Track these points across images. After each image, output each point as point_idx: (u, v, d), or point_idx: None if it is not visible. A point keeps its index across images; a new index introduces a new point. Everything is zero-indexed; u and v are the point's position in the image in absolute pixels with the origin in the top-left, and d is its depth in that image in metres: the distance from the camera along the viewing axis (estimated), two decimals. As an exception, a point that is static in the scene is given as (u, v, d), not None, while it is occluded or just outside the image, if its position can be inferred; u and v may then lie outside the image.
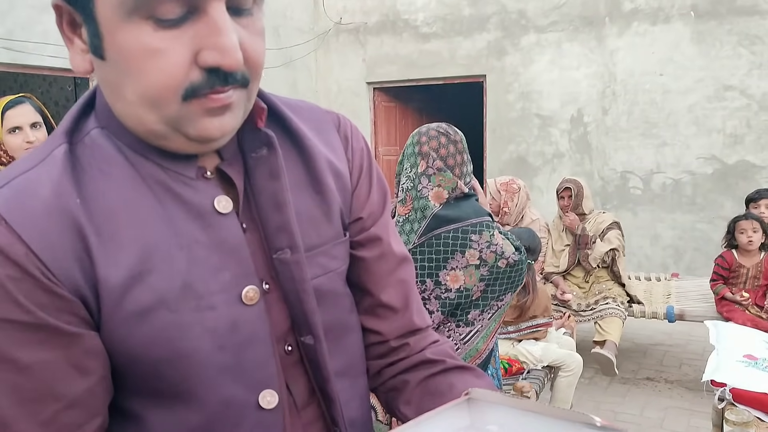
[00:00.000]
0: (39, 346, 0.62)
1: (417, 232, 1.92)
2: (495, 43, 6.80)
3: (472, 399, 0.68)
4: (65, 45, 0.67)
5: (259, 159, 0.73)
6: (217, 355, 0.68)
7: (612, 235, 4.11)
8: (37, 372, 0.62)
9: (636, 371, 4.40)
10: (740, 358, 2.54)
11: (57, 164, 0.65)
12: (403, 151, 2.00)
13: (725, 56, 5.79)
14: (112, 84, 0.65)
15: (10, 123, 2.23)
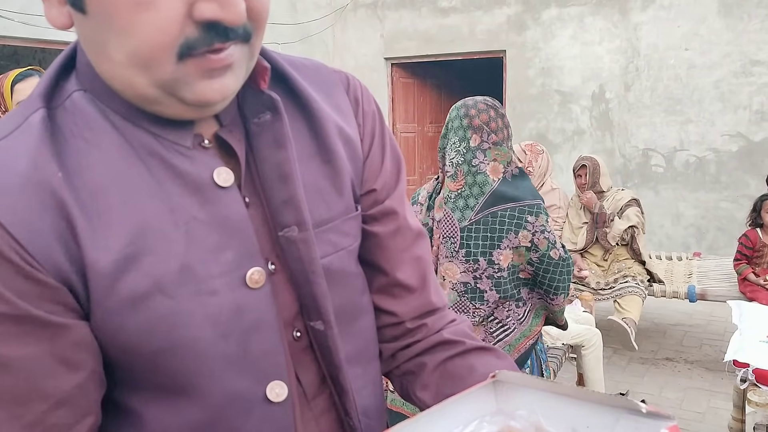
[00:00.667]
0: (20, 340, 0.55)
1: (474, 208, 1.90)
2: (515, 17, 6.67)
3: (498, 382, 0.64)
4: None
5: (262, 125, 0.66)
6: (220, 345, 0.62)
7: (631, 212, 4.04)
8: (19, 369, 0.55)
9: (656, 351, 4.35)
10: (764, 338, 2.49)
11: (33, 132, 0.57)
12: (446, 125, 1.98)
13: (753, 30, 5.61)
14: (96, 42, 0.57)
15: (20, 96, 2.21)
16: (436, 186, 2.05)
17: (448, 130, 1.98)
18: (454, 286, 1.96)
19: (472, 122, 1.92)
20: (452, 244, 1.93)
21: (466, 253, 1.92)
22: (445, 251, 1.95)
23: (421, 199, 2.06)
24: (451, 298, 1.98)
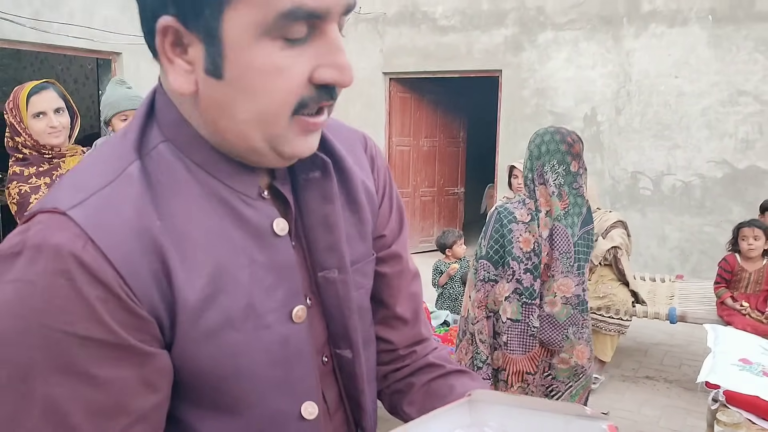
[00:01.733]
0: (116, 364, 0.63)
1: (577, 225, 2.14)
2: (512, 38, 6.85)
3: (473, 400, 0.76)
4: (162, 66, 0.67)
5: (311, 180, 0.76)
6: (269, 371, 0.72)
7: (615, 233, 4.17)
8: (111, 388, 0.63)
9: (636, 369, 4.49)
10: (735, 361, 2.63)
11: (134, 183, 0.65)
12: (540, 147, 2.16)
13: (741, 61, 5.82)
14: (222, 102, 0.65)
15: (35, 108, 2.33)
16: (535, 204, 2.16)
17: (542, 153, 2.15)
18: (568, 300, 2.12)
19: (571, 149, 2.15)
20: (568, 259, 2.11)
21: (578, 266, 2.13)
22: (561, 267, 2.11)
23: (522, 218, 2.15)
24: (565, 312, 2.12)
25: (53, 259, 0.60)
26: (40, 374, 0.61)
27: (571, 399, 2.21)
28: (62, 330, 0.60)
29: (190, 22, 0.62)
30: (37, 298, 0.60)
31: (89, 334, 0.61)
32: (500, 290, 2.17)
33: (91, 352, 0.61)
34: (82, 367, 0.61)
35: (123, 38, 5.22)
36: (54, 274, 0.60)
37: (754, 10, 5.74)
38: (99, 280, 0.61)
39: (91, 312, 0.61)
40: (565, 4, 6.54)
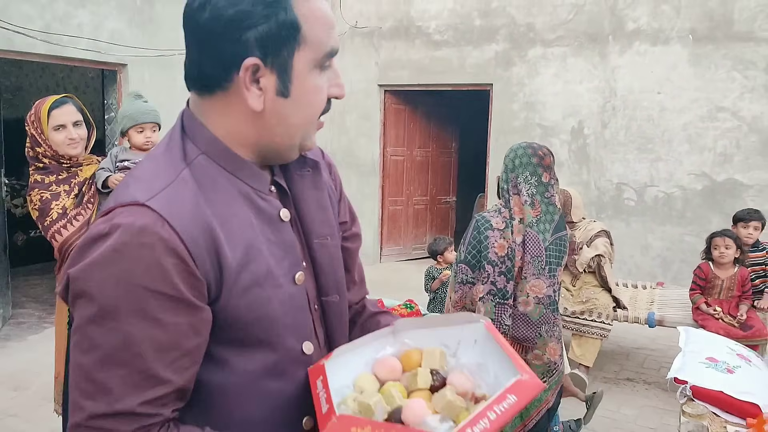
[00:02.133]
0: (176, 313, 0.86)
1: (549, 231, 2.35)
2: (503, 53, 7.10)
3: (395, 328, 1.08)
4: (241, 91, 0.92)
5: (304, 175, 1.09)
6: (282, 317, 0.98)
7: (599, 242, 4.40)
8: (170, 330, 0.86)
9: (618, 372, 4.72)
10: (703, 359, 2.85)
11: (188, 184, 0.92)
12: (514, 160, 2.40)
13: (719, 79, 6.09)
14: (284, 114, 0.96)
15: (55, 121, 2.49)
16: (509, 213, 2.36)
17: (516, 166, 2.38)
18: (540, 300, 2.30)
19: (542, 162, 2.38)
20: (540, 262, 2.30)
21: (549, 270, 2.32)
22: (533, 269, 2.30)
23: (498, 225, 2.35)
24: (537, 311, 2.30)
25: (140, 235, 0.85)
26: (123, 315, 0.85)
27: (544, 394, 2.39)
28: (143, 286, 0.84)
29: (268, 61, 0.92)
30: (127, 262, 0.84)
31: (161, 290, 0.85)
32: (476, 291, 2.35)
33: (161, 303, 0.86)
34: (152, 313, 0.85)
35: (129, 50, 5.41)
36: (140, 246, 0.84)
37: (732, 30, 6.02)
38: (173, 251, 0.86)
39: (165, 275, 0.85)
40: (554, 21, 6.79)
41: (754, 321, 3.88)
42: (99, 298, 0.85)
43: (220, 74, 0.93)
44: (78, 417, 0.86)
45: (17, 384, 4.16)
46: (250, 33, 0.90)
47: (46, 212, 2.47)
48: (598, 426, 3.78)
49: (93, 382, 0.86)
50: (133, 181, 0.93)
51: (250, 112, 0.94)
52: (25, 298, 6.14)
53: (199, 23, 0.92)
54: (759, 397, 2.60)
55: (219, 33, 0.90)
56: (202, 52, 0.93)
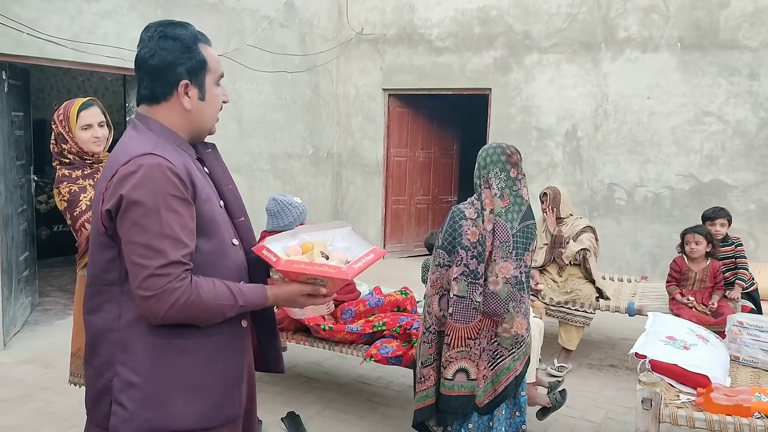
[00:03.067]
0: (185, 206, 1.51)
1: (516, 220, 2.70)
2: (501, 60, 7.45)
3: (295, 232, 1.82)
4: (178, 99, 1.60)
5: (209, 153, 1.75)
6: (220, 221, 1.65)
7: (585, 237, 4.72)
8: (184, 216, 1.50)
9: (602, 359, 5.04)
10: (663, 338, 3.19)
11: (167, 146, 1.56)
12: (486, 159, 2.75)
13: (706, 85, 6.41)
14: (202, 111, 1.64)
15: (83, 121, 2.83)
16: (481, 204, 2.70)
17: (487, 164, 2.73)
18: (508, 280, 2.63)
19: (510, 159, 2.74)
20: (507, 247, 2.63)
21: (516, 254, 2.65)
22: (501, 253, 2.63)
23: (470, 216, 2.69)
24: (506, 290, 2.63)
25: (158, 167, 1.48)
26: (160, 209, 1.46)
27: (513, 363, 2.71)
28: (167, 192, 1.47)
29: (193, 81, 1.61)
30: (155, 181, 1.46)
31: (175, 193, 1.49)
32: (451, 272, 2.67)
33: (176, 201, 1.49)
34: (174, 206, 1.48)
35: (149, 57, 5.81)
36: (160, 172, 1.47)
37: (718, 38, 6.34)
38: (175, 173, 1.49)
39: (175, 185, 1.49)
40: (549, 29, 7.14)
41: (725, 309, 4.19)
42: (145, 202, 1.46)
43: (167, 91, 1.60)
44: (146, 270, 1.45)
45: (48, 362, 4.55)
46: (182, 67, 1.59)
47: (75, 203, 2.76)
48: (578, 404, 4.10)
49: (151, 248, 1.45)
50: (130, 147, 1.54)
51: (184, 110, 1.62)
52: (50, 287, 6.56)
53: (151, 65, 1.58)
54: (709, 370, 2.96)
55: (164, 69, 1.58)
56: (154, 80, 1.60)
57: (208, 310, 1.51)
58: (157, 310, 1.45)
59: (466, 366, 2.68)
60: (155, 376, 1.52)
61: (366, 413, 3.85)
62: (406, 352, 3.31)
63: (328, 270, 1.60)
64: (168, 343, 1.53)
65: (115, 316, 1.54)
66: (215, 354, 1.59)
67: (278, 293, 1.63)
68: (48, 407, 3.82)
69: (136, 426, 1.51)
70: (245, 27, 6.92)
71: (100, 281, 1.57)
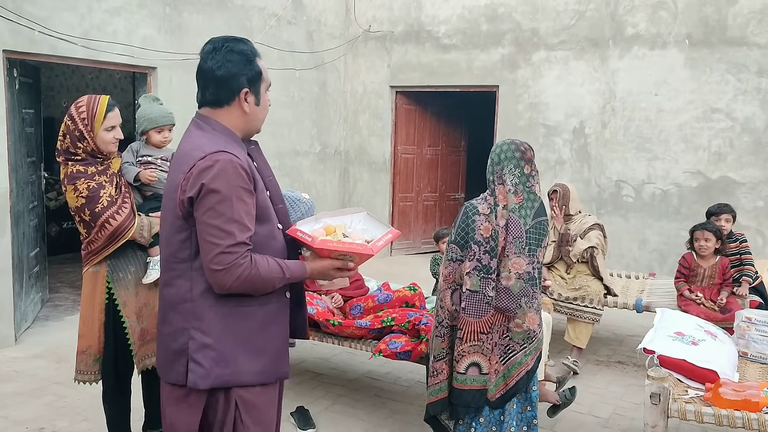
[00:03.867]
0: (250, 196, 1.81)
1: (529, 216, 2.71)
2: (508, 57, 7.45)
3: (318, 217, 2.12)
4: (239, 104, 1.90)
5: (253, 149, 1.99)
6: (272, 209, 1.94)
7: (593, 234, 4.72)
8: (248, 204, 1.80)
9: (610, 356, 5.05)
10: (671, 333, 3.19)
11: (234, 145, 1.87)
12: (501, 155, 2.76)
13: (714, 81, 6.39)
14: (256, 114, 1.95)
15: (110, 123, 2.84)
16: (494, 200, 2.70)
17: (501, 159, 2.74)
18: (521, 276, 2.64)
19: (524, 156, 2.74)
20: (520, 243, 2.64)
21: (529, 249, 2.66)
22: (514, 249, 2.64)
23: (484, 211, 2.70)
24: (518, 285, 2.63)
25: (230, 162, 1.77)
26: (233, 198, 1.76)
27: (525, 358, 2.72)
28: (237, 184, 1.77)
29: (252, 89, 1.91)
30: (229, 174, 1.75)
31: (243, 185, 1.78)
32: (464, 267, 2.69)
33: (244, 191, 1.78)
34: (242, 197, 1.78)
35: (159, 55, 5.84)
36: (232, 167, 1.76)
37: (726, 35, 6.32)
38: (243, 168, 1.79)
39: (244, 178, 1.78)
40: (557, 26, 7.13)
41: (733, 306, 4.19)
42: (221, 191, 1.75)
43: (230, 97, 1.89)
44: (218, 248, 1.74)
45: (59, 357, 4.60)
46: (243, 77, 1.88)
47: (95, 200, 2.74)
48: (586, 400, 4.12)
49: (223, 230, 1.74)
50: (202, 144, 1.81)
51: (243, 114, 1.92)
52: (60, 283, 6.61)
53: (218, 75, 1.86)
54: (717, 365, 2.96)
55: (230, 79, 1.87)
56: (219, 88, 1.87)
57: (264, 281, 1.82)
58: (225, 282, 1.76)
59: (479, 360, 2.70)
60: (225, 338, 1.84)
61: (374, 409, 3.87)
62: (415, 347, 3.33)
63: (357, 247, 1.91)
64: (233, 310, 1.85)
65: (187, 289, 1.84)
66: (269, 320, 1.92)
67: (314, 267, 1.95)
68: (60, 401, 3.86)
69: (211, 380, 1.83)
70: (253, 24, 6.95)
71: (173, 259, 1.86)
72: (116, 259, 2.86)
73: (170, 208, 1.86)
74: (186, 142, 1.88)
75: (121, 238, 2.79)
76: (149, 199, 3.03)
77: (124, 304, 2.89)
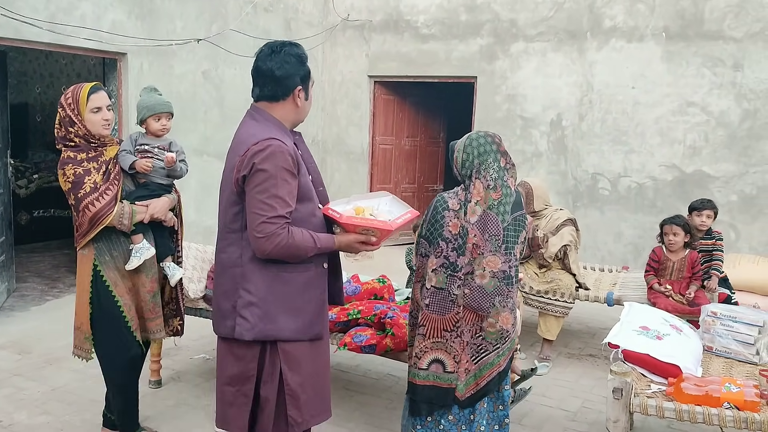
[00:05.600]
0: (293, 179, 2.16)
1: (508, 212, 2.60)
2: (487, 48, 7.40)
3: (350, 200, 2.43)
4: (293, 99, 2.28)
5: (297, 138, 2.34)
6: (313, 190, 2.30)
7: (565, 231, 4.64)
8: (291, 184, 2.15)
9: (582, 348, 5.05)
10: (636, 328, 3.18)
11: (283, 133, 2.24)
12: (479, 148, 2.63)
13: (690, 75, 6.40)
14: (305, 108, 2.33)
15: (93, 104, 2.87)
16: (466, 195, 2.61)
17: (480, 153, 2.61)
18: (495, 275, 2.55)
19: (499, 148, 2.64)
20: (497, 241, 2.55)
21: (506, 247, 2.57)
22: (491, 247, 2.54)
23: (453, 207, 2.60)
24: (492, 284, 2.54)
25: (279, 147, 2.13)
26: (278, 178, 2.11)
27: (497, 358, 2.64)
28: (283, 166, 2.12)
29: (303, 86, 2.29)
30: (277, 157, 2.11)
31: (289, 168, 2.14)
32: (430, 263, 2.61)
33: (289, 173, 2.14)
34: (286, 177, 2.13)
35: (129, 40, 5.71)
36: (281, 152, 2.13)
37: (703, 29, 6.32)
38: (290, 154, 2.15)
39: (289, 162, 2.14)
40: (536, 18, 7.09)
41: (701, 299, 4.19)
42: (269, 171, 2.08)
43: (286, 93, 2.24)
44: (262, 218, 2.07)
45: (21, 348, 4.50)
46: (297, 76, 2.23)
47: (79, 185, 2.81)
48: (555, 394, 4.11)
49: (267, 204, 2.07)
50: (256, 131, 2.16)
51: (295, 107, 2.27)
52: (28, 273, 6.49)
53: (277, 75, 2.20)
54: (680, 360, 2.96)
55: (287, 78, 2.22)
56: (277, 86, 2.22)
57: (299, 249, 2.15)
58: (265, 247, 2.10)
59: (442, 357, 2.63)
60: (268, 297, 2.19)
61: (342, 401, 3.83)
62: (381, 341, 3.29)
63: (377, 223, 2.24)
64: (277, 275, 2.19)
65: (238, 255, 2.20)
66: (307, 285, 2.25)
67: (341, 240, 2.28)
68: (19, 393, 3.78)
69: (255, 333, 2.19)
70: (228, 11, 6.83)
71: (228, 229, 2.24)
72: (101, 242, 2.92)
73: (227, 186, 2.22)
74: (242, 130, 2.24)
75: (98, 223, 2.84)
76: (141, 187, 3.04)
77: (115, 284, 2.95)
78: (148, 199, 3.01)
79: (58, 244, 7.58)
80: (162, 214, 3.03)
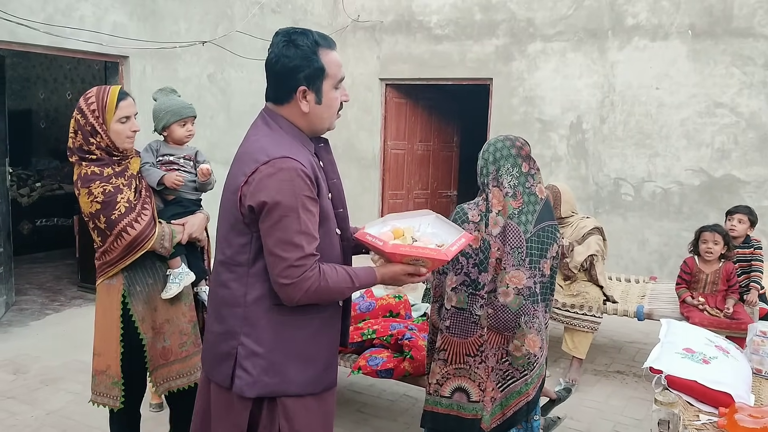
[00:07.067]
0: (314, 205, 1.73)
1: (531, 222, 2.33)
2: (503, 48, 7.12)
3: (385, 220, 2.05)
4: (298, 102, 1.79)
5: (320, 148, 1.90)
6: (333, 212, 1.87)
7: (592, 240, 4.37)
8: (314, 214, 1.73)
9: (609, 365, 4.76)
10: (680, 350, 2.89)
11: (299, 148, 1.78)
12: (495, 154, 2.39)
13: (718, 74, 6.09)
14: (319, 113, 1.81)
15: (123, 113, 2.47)
16: (486, 206, 2.36)
17: (496, 159, 2.37)
18: (520, 291, 2.29)
19: (520, 153, 2.38)
20: (519, 254, 2.29)
21: (530, 261, 2.30)
22: (512, 260, 2.28)
23: (473, 218, 2.36)
24: (517, 302, 2.29)
25: (294, 170, 1.68)
26: (300, 209, 1.68)
27: (525, 387, 2.38)
28: (302, 194, 1.69)
29: (311, 87, 1.77)
30: (293, 183, 1.67)
31: (308, 194, 1.71)
32: (449, 281, 2.37)
33: (310, 201, 1.71)
34: (308, 207, 1.71)
35: (130, 43, 5.49)
36: (296, 175, 1.68)
37: (731, 26, 6.01)
38: (307, 176, 1.70)
39: (309, 187, 1.70)
40: (554, 16, 6.81)
41: (741, 315, 3.90)
42: (286, 204, 1.67)
43: (288, 95, 1.79)
44: (286, 262, 1.68)
45: (17, 368, 4.27)
46: (300, 74, 1.75)
47: (112, 205, 2.43)
48: (584, 416, 3.83)
49: (291, 243, 1.68)
50: (267, 146, 1.74)
51: (302, 113, 1.80)
52: (29, 285, 6.27)
53: (275, 70, 1.78)
54: (732, 387, 2.65)
55: (286, 75, 1.76)
56: (277, 84, 1.80)
57: (333, 292, 1.77)
58: (294, 295, 1.71)
59: (466, 385, 2.37)
60: (275, 347, 1.79)
61: (356, 426, 3.56)
62: (398, 364, 3.02)
63: (430, 252, 1.82)
64: (286, 319, 1.79)
65: (242, 293, 1.79)
66: (321, 329, 1.86)
67: (384, 273, 1.88)
68: (11, 419, 3.53)
69: (258, 389, 1.79)
70: (234, 12, 6.60)
71: (231, 261, 1.81)
72: (133, 270, 2.53)
73: (228, 208, 1.80)
74: (252, 137, 1.82)
75: (139, 248, 2.47)
76: (171, 204, 2.70)
77: (142, 319, 2.56)
78: (183, 216, 2.68)
79: (61, 253, 7.35)
80: (200, 232, 2.72)
